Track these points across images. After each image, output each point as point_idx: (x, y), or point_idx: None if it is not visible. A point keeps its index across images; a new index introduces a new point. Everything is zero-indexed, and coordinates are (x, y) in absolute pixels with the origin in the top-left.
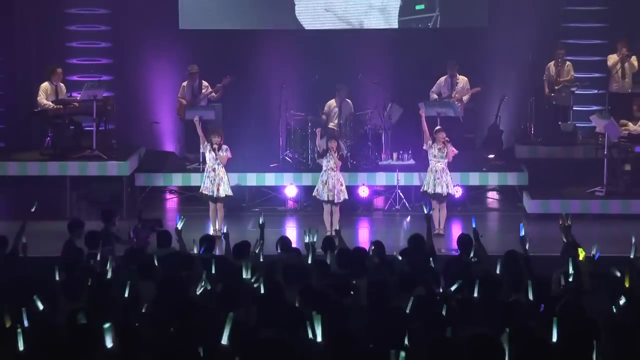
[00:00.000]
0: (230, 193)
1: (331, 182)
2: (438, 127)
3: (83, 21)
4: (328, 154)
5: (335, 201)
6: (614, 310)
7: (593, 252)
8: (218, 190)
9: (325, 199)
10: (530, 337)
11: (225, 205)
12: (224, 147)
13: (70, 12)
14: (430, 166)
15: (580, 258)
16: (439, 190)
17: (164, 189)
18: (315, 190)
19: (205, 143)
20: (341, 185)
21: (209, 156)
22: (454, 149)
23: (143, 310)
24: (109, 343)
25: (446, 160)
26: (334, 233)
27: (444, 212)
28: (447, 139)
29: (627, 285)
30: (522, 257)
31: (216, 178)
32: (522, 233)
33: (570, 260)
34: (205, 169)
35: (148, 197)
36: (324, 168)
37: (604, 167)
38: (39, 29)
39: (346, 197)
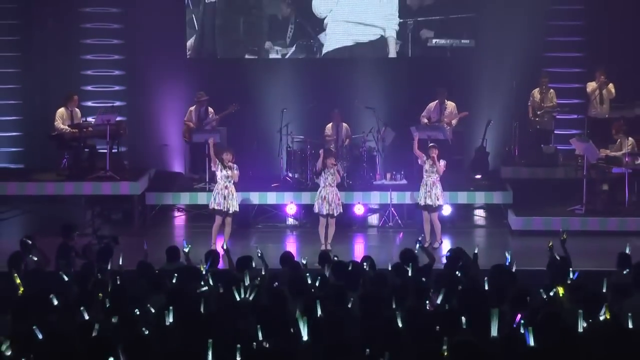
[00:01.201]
0: (237, 209)
1: (330, 197)
2: (431, 144)
3: (97, 50)
4: (326, 171)
5: (334, 214)
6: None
7: (571, 275)
8: (229, 206)
9: (325, 212)
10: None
11: (233, 221)
12: (234, 165)
13: (85, 42)
14: (423, 180)
15: (561, 294)
16: (429, 202)
17: (173, 207)
18: (315, 206)
19: (217, 162)
20: (338, 199)
21: (221, 174)
22: (441, 164)
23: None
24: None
25: (437, 175)
26: (328, 247)
27: (436, 224)
28: (435, 155)
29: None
30: (506, 272)
31: (228, 195)
32: (508, 261)
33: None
34: (217, 186)
35: (158, 215)
36: (321, 185)
37: (583, 187)
38: (56, 59)
39: (341, 210)
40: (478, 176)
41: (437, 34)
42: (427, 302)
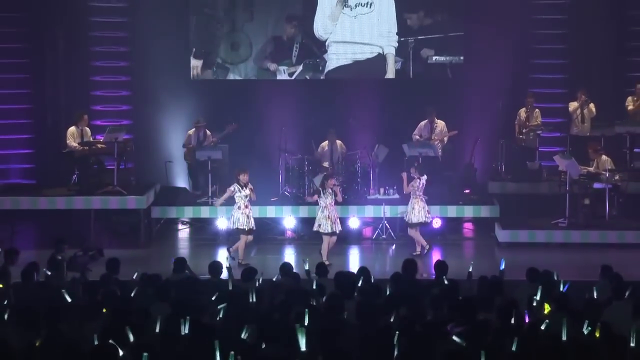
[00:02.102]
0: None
1: (332, 215)
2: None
3: (105, 72)
4: (327, 192)
5: (337, 231)
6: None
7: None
8: (252, 225)
9: (329, 231)
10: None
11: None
12: (249, 185)
13: (94, 64)
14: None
15: (546, 312)
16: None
17: (177, 220)
18: (316, 226)
19: (234, 185)
20: (337, 217)
21: (240, 194)
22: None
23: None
24: None
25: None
26: (327, 262)
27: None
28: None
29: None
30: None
31: (250, 214)
32: (502, 267)
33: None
34: (236, 207)
35: (163, 227)
36: (322, 205)
37: (566, 202)
38: (66, 80)
39: (340, 227)
40: (467, 191)
41: (437, 51)
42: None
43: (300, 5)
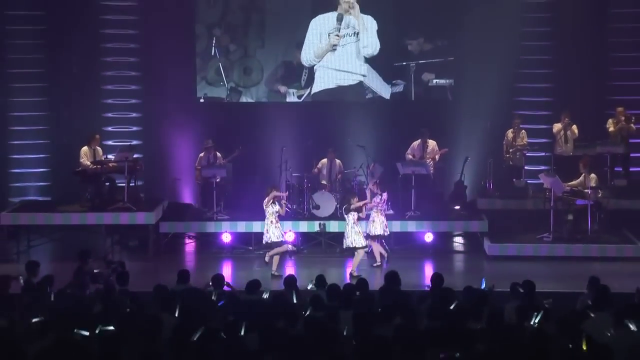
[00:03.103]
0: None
1: (361, 230)
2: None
3: (117, 95)
4: (358, 209)
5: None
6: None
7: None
8: (284, 236)
9: (361, 245)
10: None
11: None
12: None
13: (106, 88)
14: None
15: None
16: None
17: (184, 235)
18: (350, 242)
19: (266, 201)
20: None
21: (271, 209)
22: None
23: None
24: None
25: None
26: (356, 274)
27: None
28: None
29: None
30: (481, 293)
31: (280, 227)
32: (483, 286)
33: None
34: (269, 221)
35: (170, 242)
36: (351, 222)
37: (550, 217)
38: (80, 102)
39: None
40: (457, 207)
41: (438, 75)
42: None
43: (308, 27)
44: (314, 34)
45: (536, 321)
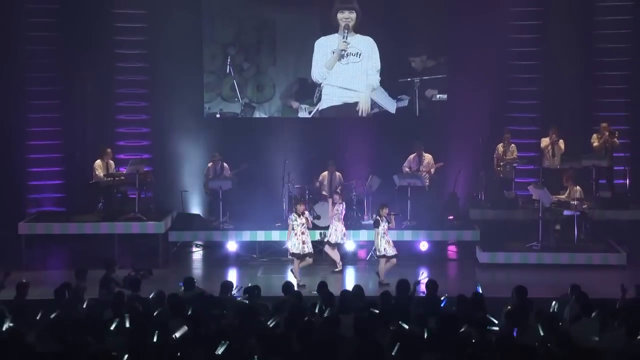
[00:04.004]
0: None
1: (390, 240)
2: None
3: (128, 111)
4: (383, 219)
5: (396, 253)
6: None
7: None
8: (306, 249)
9: (392, 253)
10: None
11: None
12: (306, 212)
13: (118, 105)
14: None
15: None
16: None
17: (191, 244)
18: (380, 250)
19: (292, 214)
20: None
21: (298, 222)
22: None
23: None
24: None
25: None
26: (386, 282)
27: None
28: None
29: None
30: (473, 299)
31: (304, 239)
32: (480, 290)
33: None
34: (294, 233)
35: (179, 250)
36: (381, 231)
37: (539, 227)
38: (93, 117)
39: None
40: (450, 217)
41: (440, 90)
42: None
43: None
44: (320, 53)
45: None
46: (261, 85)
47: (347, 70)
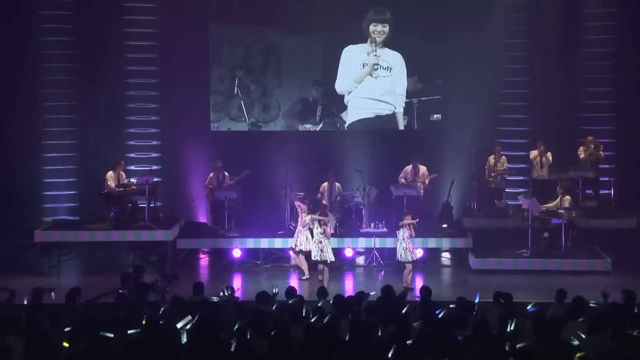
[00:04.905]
0: (333, 258)
1: (409, 247)
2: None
3: (138, 125)
4: (404, 227)
5: (416, 259)
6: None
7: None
8: (325, 257)
9: (410, 259)
10: None
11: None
12: (328, 223)
13: (129, 119)
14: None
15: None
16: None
17: (198, 251)
18: (398, 256)
19: (315, 223)
20: (413, 248)
21: (317, 231)
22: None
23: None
24: None
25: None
26: (410, 287)
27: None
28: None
29: None
30: (470, 305)
31: (322, 248)
32: (477, 300)
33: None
34: (314, 241)
35: (186, 256)
36: (400, 238)
37: (528, 235)
38: (105, 131)
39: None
40: (444, 225)
41: (437, 110)
42: None
43: (321, 72)
44: (347, 64)
45: (512, 328)
46: (267, 105)
47: (377, 83)
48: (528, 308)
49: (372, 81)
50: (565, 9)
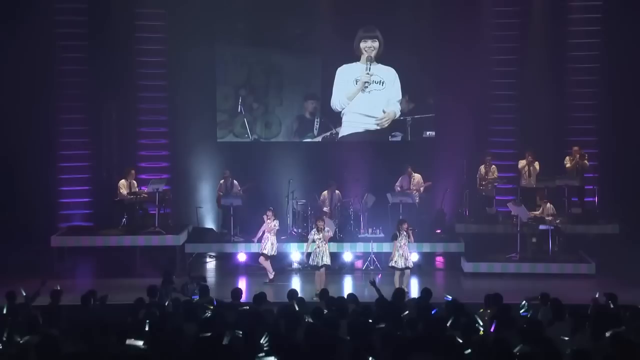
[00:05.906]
0: (329, 263)
1: (405, 253)
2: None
3: (149, 137)
4: (402, 234)
5: (411, 266)
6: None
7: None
8: (324, 261)
9: (402, 266)
10: None
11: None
12: (327, 228)
13: (140, 130)
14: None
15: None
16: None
17: (206, 255)
18: (392, 262)
19: (313, 229)
20: (409, 254)
21: (317, 236)
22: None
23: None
24: None
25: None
26: (406, 290)
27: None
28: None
29: None
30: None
31: (324, 252)
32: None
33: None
34: (316, 247)
35: (194, 260)
36: (398, 244)
37: (517, 240)
38: (118, 141)
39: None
40: (438, 231)
41: (430, 127)
42: None
43: (319, 90)
44: (342, 81)
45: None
46: (269, 122)
47: (369, 98)
48: (521, 312)
49: (365, 97)
50: (552, 28)
